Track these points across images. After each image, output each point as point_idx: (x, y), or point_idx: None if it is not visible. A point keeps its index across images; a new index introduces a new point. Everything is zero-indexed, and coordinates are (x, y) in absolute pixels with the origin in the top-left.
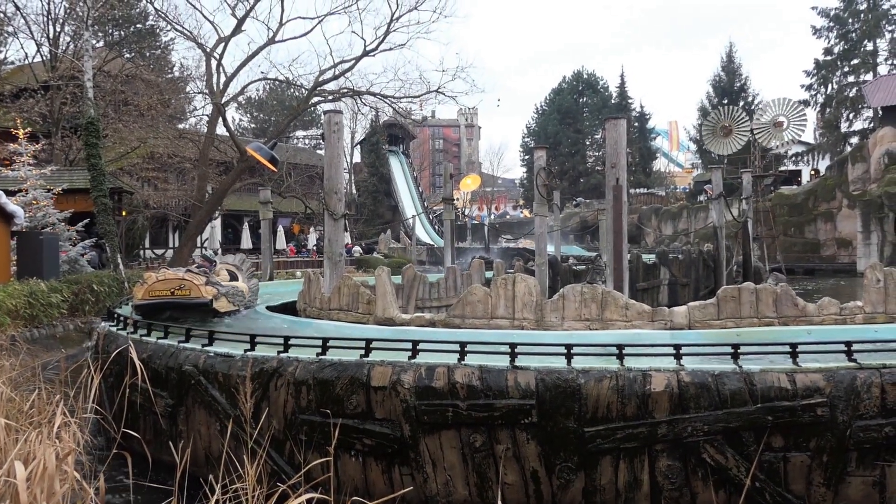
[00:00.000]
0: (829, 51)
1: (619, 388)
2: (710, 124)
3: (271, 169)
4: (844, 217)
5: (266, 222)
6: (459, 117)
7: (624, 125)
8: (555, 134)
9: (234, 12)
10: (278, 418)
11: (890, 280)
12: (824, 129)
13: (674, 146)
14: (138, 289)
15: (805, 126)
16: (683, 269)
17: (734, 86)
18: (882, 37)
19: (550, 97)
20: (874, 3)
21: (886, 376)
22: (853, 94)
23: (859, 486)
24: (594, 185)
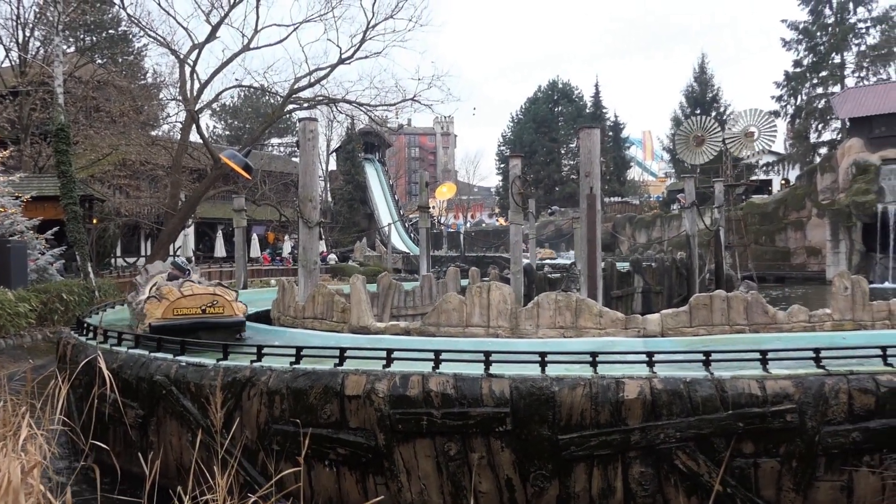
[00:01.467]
0: (798, 63)
1: (592, 396)
2: (683, 134)
3: (245, 177)
4: (814, 226)
5: (240, 230)
6: (435, 126)
7: (598, 134)
8: (530, 143)
9: (209, 19)
10: (251, 428)
11: (857, 288)
12: (794, 140)
13: (648, 155)
14: (155, 306)
15: (775, 136)
16: (657, 277)
17: (706, 96)
18: (849, 50)
19: (526, 106)
20: (841, 18)
21: (853, 383)
22: (822, 105)
23: (828, 491)
24: (569, 193)
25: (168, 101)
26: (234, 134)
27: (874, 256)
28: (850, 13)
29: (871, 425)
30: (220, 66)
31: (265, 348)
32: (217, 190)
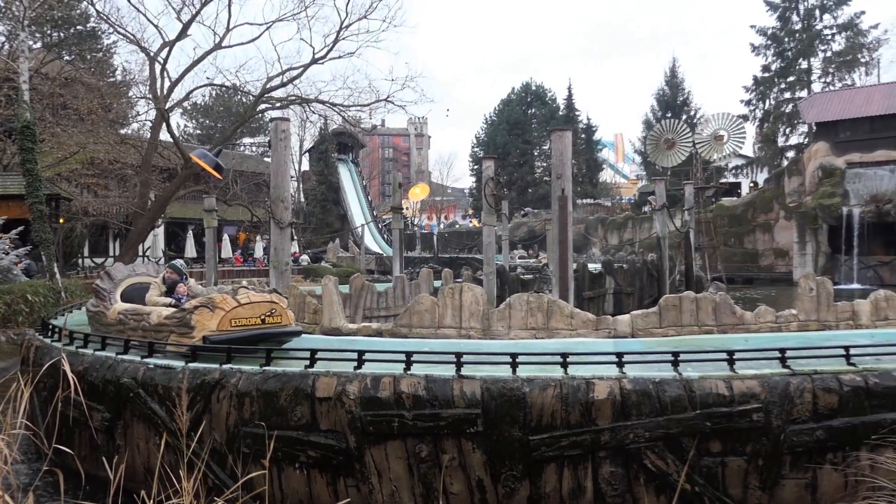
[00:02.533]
0: (766, 68)
1: (563, 397)
2: (654, 137)
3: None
4: (781, 228)
5: (211, 230)
6: (409, 127)
7: (569, 137)
8: (504, 144)
9: (180, 16)
10: (220, 431)
11: (822, 289)
12: (762, 143)
13: (619, 158)
14: (205, 316)
15: (744, 140)
16: (628, 279)
17: (677, 100)
18: (816, 56)
19: (499, 108)
20: (808, 24)
21: (818, 382)
22: (789, 109)
23: (793, 489)
24: (542, 195)
25: (138, 99)
26: (205, 133)
27: (839, 258)
28: (816, 20)
29: (835, 424)
30: (192, 64)
31: (234, 350)
32: (188, 190)
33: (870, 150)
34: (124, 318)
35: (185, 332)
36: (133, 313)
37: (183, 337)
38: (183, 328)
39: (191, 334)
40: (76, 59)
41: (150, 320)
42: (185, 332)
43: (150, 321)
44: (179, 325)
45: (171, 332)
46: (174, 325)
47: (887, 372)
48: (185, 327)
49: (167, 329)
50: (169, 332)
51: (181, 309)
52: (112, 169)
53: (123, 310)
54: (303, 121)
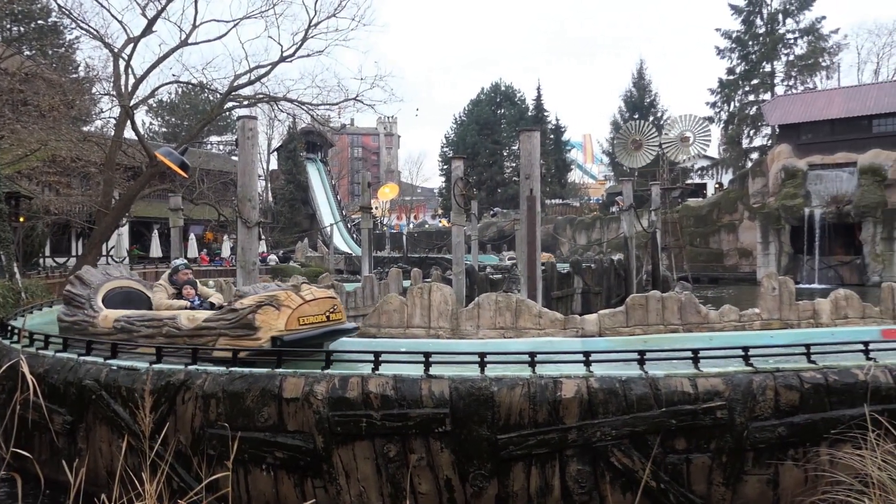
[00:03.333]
0: (731, 71)
1: (530, 396)
2: (622, 138)
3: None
4: (746, 228)
5: (176, 230)
6: (379, 126)
7: (538, 137)
8: (473, 144)
9: (145, 12)
10: (185, 433)
11: (784, 288)
12: (727, 145)
13: (588, 158)
14: (271, 315)
15: (710, 141)
16: (596, 278)
17: (644, 101)
18: (779, 59)
19: (469, 108)
20: (772, 28)
21: (780, 379)
22: (753, 112)
23: (755, 485)
24: (511, 195)
25: (101, 95)
26: (171, 131)
27: (801, 258)
28: (779, 24)
29: (796, 420)
30: (157, 60)
31: (200, 351)
32: (153, 188)
33: (830, 153)
34: (128, 325)
35: (244, 335)
36: (144, 319)
37: (241, 340)
38: (240, 330)
39: (254, 336)
40: (37, 55)
41: (180, 325)
42: (246, 333)
43: (180, 325)
44: (234, 327)
45: (222, 335)
46: (225, 327)
47: (846, 369)
48: (246, 329)
49: (212, 332)
50: (216, 335)
51: (230, 309)
52: (75, 167)
53: (123, 317)
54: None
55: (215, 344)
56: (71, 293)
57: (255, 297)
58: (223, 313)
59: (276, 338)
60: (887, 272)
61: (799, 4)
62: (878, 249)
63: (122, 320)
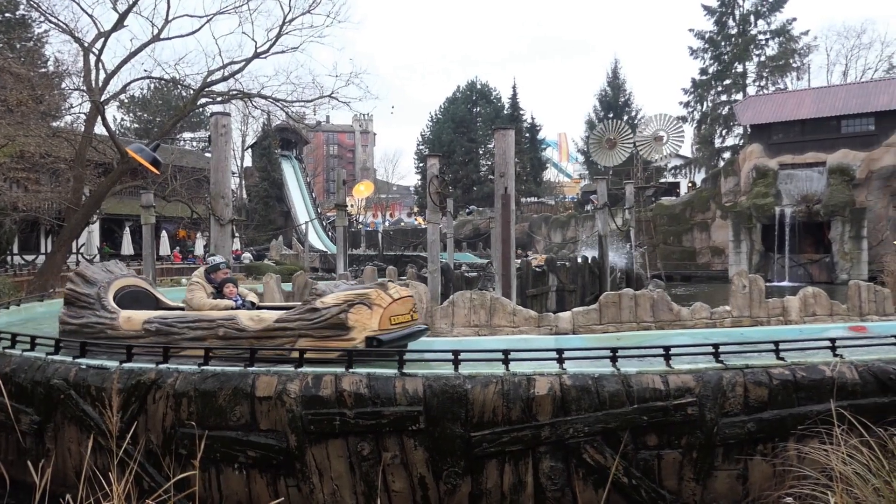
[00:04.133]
0: (704, 71)
1: (504, 393)
2: (597, 137)
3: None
4: (718, 227)
5: (148, 227)
6: (354, 123)
7: (512, 136)
8: (449, 142)
9: (116, 6)
10: (156, 432)
11: (754, 286)
12: (700, 144)
13: (563, 157)
14: (364, 314)
15: (683, 140)
16: (570, 276)
17: (619, 100)
18: (751, 60)
19: (445, 106)
20: (744, 29)
21: (749, 376)
22: (726, 112)
23: (725, 480)
24: (487, 193)
25: (71, 90)
26: (143, 127)
27: (772, 256)
28: (751, 25)
29: (765, 416)
30: (128, 55)
31: (172, 349)
32: (124, 185)
33: (801, 152)
34: (166, 327)
35: (333, 335)
36: (187, 321)
37: (329, 340)
38: (328, 330)
39: (346, 336)
40: (4, 48)
41: (241, 325)
42: (336, 334)
43: (243, 326)
44: (320, 328)
45: (303, 335)
46: (308, 327)
47: (814, 366)
48: (336, 329)
49: (288, 333)
50: (295, 336)
51: (311, 309)
52: (44, 163)
53: (156, 318)
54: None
55: (294, 345)
56: (75, 293)
57: (341, 294)
58: (301, 313)
59: (371, 338)
60: (855, 270)
61: (770, 6)
62: (846, 248)
63: (155, 322)
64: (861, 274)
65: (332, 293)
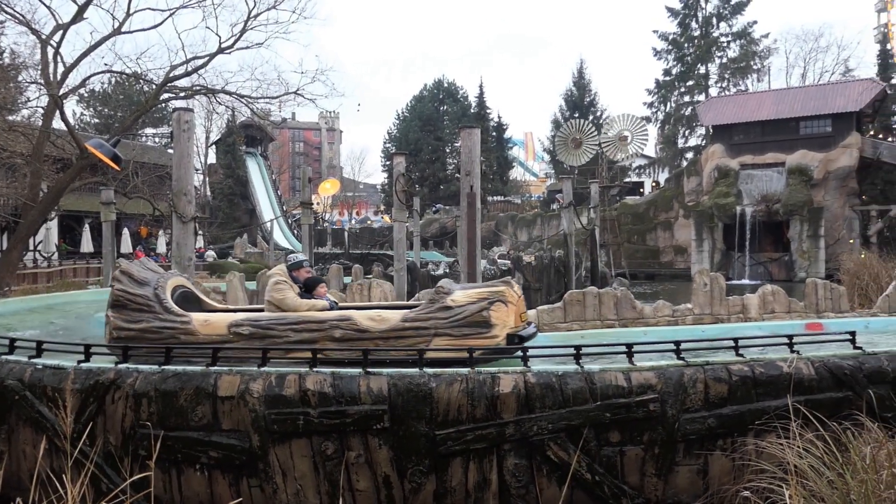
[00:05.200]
0: (667, 72)
1: (469, 391)
2: (562, 136)
3: (114, 167)
4: (681, 226)
5: (108, 224)
6: (320, 121)
7: (478, 134)
8: (416, 141)
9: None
10: (115, 433)
11: (715, 284)
12: (664, 144)
13: (529, 156)
14: (502, 311)
15: (647, 140)
16: (536, 275)
17: (584, 100)
18: (713, 61)
19: (412, 104)
20: (706, 31)
21: (709, 372)
22: (689, 112)
23: (686, 475)
24: (454, 191)
25: (28, 84)
26: (103, 122)
27: (733, 255)
28: (713, 27)
29: (724, 411)
30: (88, 49)
31: (131, 349)
32: (84, 181)
33: (761, 153)
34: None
35: (473, 333)
36: (288, 322)
37: (469, 339)
38: (468, 328)
39: (488, 334)
40: None
41: (361, 326)
42: (477, 332)
43: (363, 327)
44: (460, 326)
45: (438, 334)
46: (445, 325)
47: (772, 362)
48: (477, 327)
49: (422, 333)
50: (430, 335)
51: (443, 307)
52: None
53: (244, 320)
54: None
55: (429, 344)
56: (127, 294)
57: (474, 292)
58: (433, 311)
59: (512, 335)
60: (813, 268)
61: (732, 9)
62: (804, 247)
63: (245, 324)
64: (818, 272)
65: (460, 291)
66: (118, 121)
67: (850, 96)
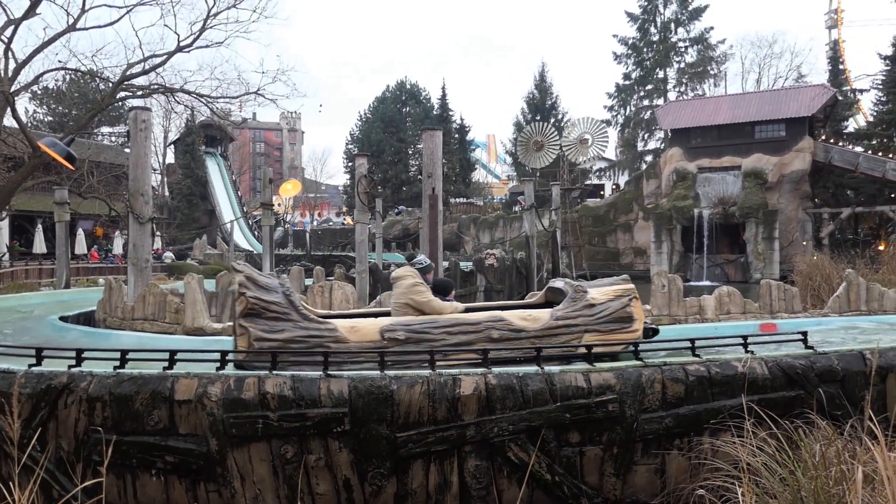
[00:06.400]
0: (627, 76)
1: (430, 393)
2: (524, 139)
3: (68, 166)
4: (640, 228)
5: (62, 225)
6: (282, 121)
7: (440, 136)
8: (378, 142)
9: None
10: (68, 439)
11: (673, 286)
12: (624, 147)
13: (492, 158)
14: (637, 305)
15: (607, 143)
16: (498, 277)
17: (546, 103)
18: (671, 66)
19: (374, 105)
20: (665, 36)
21: (667, 373)
22: (648, 116)
23: (644, 474)
24: (416, 193)
25: None
26: (57, 120)
27: (691, 256)
28: (672, 33)
29: (681, 411)
30: (41, 45)
31: (86, 352)
32: (36, 180)
33: (718, 156)
34: (413, 334)
35: (619, 328)
36: (442, 326)
37: (615, 334)
38: (614, 324)
39: (631, 329)
40: None
41: (516, 326)
42: (621, 327)
43: (518, 327)
44: (606, 322)
45: (588, 331)
46: (593, 322)
47: (727, 362)
48: (622, 322)
49: (573, 330)
50: (581, 332)
51: (587, 304)
52: None
53: (398, 324)
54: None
55: (580, 341)
56: (262, 301)
57: (609, 290)
58: (579, 309)
59: (648, 328)
60: (768, 270)
61: (689, 15)
62: (759, 248)
63: (398, 329)
64: (773, 273)
65: (594, 289)
66: (73, 119)
67: (802, 101)
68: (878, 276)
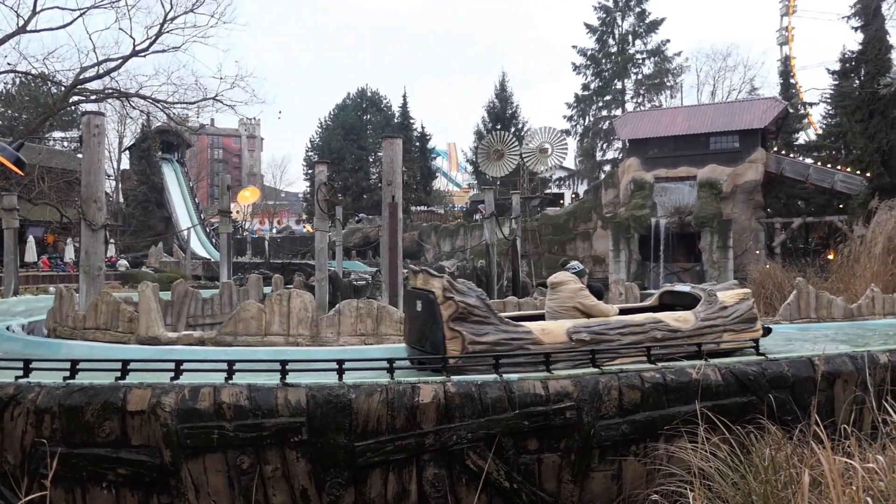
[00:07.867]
0: (586, 86)
1: (389, 402)
2: (485, 148)
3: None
4: (599, 237)
5: (10, 231)
6: (241, 127)
7: (400, 144)
8: (339, 149)
9: None
10: (14, 452)
11: (630, 294)
12: (583, 157)
13: (453, 166)
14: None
15: (567, 153)
16: None
17: (506, 112)
18: (629, 77)
19: (335, 112)
20: (623, 48)
21: (623, 379)
22: (606, 126)
23: (601, 480)
24: (377, 201)
25: None
26: (6, 124)
27: (648, 265)
28: (629, 44)
29: (637, 418)
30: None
31: (34, 362)
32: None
33: (674, 167)
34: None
35: (747, 328)
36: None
37: (744, 332)
38: (744, 324)
39: (755, 327)
40: None
41: (672, 326)
42: (748, 326)
43: (675, 328)
44: (739, 322)
45: (727, 330)
46: (729, 322)
47: (682, 369)
48: (750, 322)
49: (716, 330)
50: (721, 331)
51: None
52: None
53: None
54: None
55: (720, 339)
56: (468, 305)
57: (732, 293)
58: (717, 311)
59: (765, 327)
60: (722, 278)
61: (647, 27)
62: (714, 257)
63: (582, 331)
64: (728, 281)
65: (722, 292)
66: (23, 123)
67: (755, 114)
68: (827, 285)
